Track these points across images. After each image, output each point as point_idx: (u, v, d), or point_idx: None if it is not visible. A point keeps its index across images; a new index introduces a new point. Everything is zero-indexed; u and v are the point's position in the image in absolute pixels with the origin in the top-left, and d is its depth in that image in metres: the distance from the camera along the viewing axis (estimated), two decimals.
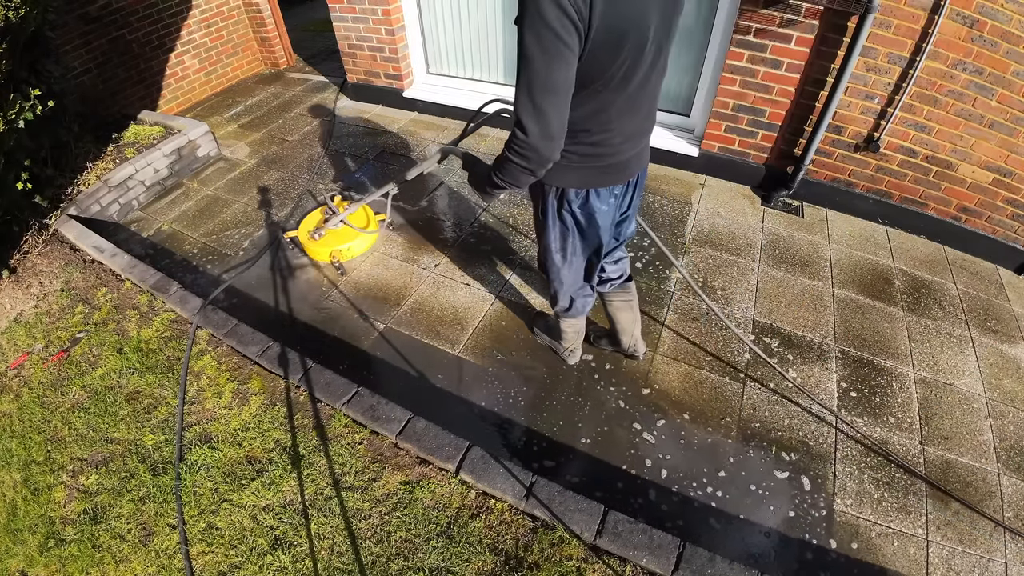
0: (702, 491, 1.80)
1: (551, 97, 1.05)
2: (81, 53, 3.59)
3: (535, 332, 2.30)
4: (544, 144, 1.10)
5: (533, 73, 1.03)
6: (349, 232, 2.73)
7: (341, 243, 2.70)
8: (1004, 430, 1.99)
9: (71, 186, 3.04)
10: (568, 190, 1.38)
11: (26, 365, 2.33)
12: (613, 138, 1.28)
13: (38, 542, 1.77)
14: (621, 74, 1.14)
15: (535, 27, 0.98)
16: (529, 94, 1.05)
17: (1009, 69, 2.25)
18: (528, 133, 1.08)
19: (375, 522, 1.70)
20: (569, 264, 1.62)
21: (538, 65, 1.01)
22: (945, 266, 2.72)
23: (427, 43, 3.89)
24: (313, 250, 2.72)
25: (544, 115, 1.06)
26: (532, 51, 1.01)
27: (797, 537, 1.69)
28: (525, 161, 1.15)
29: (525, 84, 1.05)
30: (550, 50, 0.99)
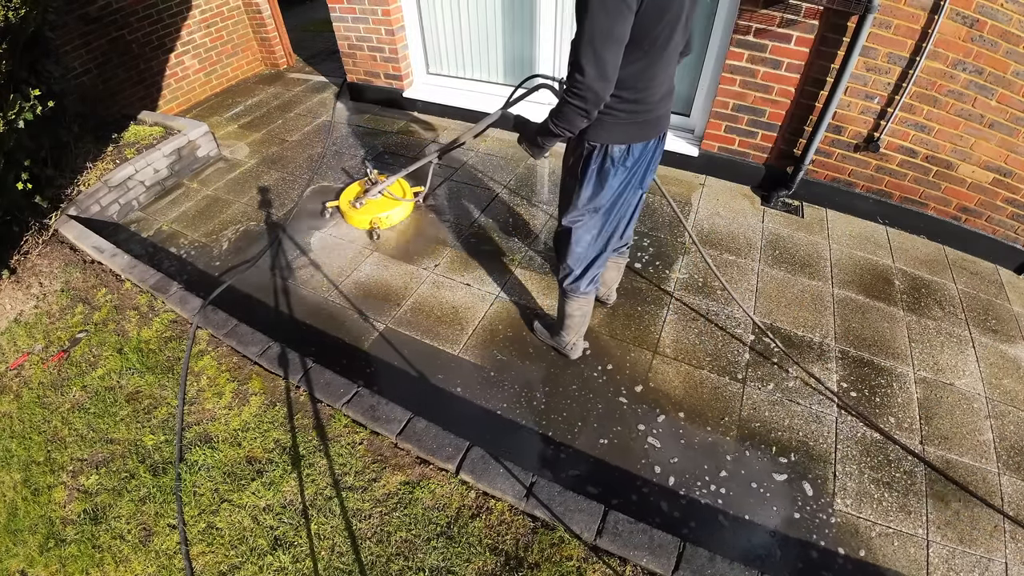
0: (702, 491, 1.80)
1: (611, 45, 1.23)
2: (81, 53, 3.59)
3: (535, 331, 2.32)
4: (600, 85, 1.27)
5: (595, 25, 1.20)
6: (388, 201, 2.95)
7: (380, 211, 2.90)
8: (1004, 430, 1.99)
9: (71, 186, 3.04)
10: (612, 147, 1.51)
11: (26, 365, 2.33)
12: (652, 95, 1.46)
13: (38, 542, 1.77)
14: (663, 37, 1.32)
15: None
16: (591, 42, 1.22)
17: (1009, 69, 2.25)
18: (586, 75, 1.25)
19: (375, 522, 1.70)
20: (596, 225, 1.72)
21: (600, 19, 1.19)
22: (945, 266, 2.72)
23: (427, 43, 3.90)
24: (353, 218, 2.93)
25: (602, 60, 1.24)
26: (595, 8, 1.18)
27: (797, 537, 1.69)
28: (582, 101, 1.30)
29: (587, 34, 1.21)
30: (611, 9, 1.18)
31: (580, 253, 1.79)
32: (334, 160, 3.58)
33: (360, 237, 2.90)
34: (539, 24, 3.31)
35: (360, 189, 3.06)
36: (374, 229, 2.86)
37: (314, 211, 3.10)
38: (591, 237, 1.75)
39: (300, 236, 2.93)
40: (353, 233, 2.93)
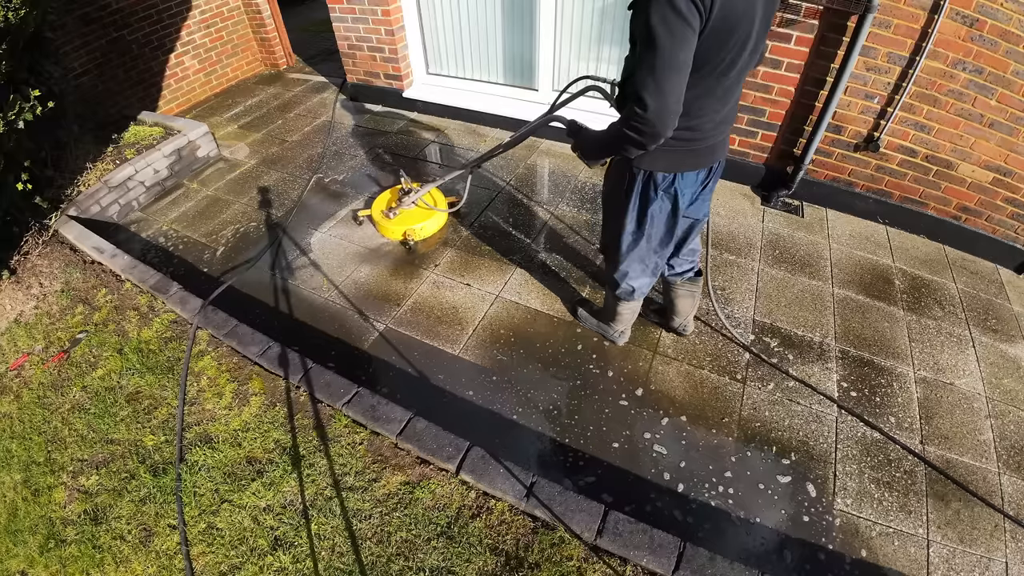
0: (702, 490, 1.80)
1: (673, 76, 1.11)
2: (81, 54, 3.59)
3: (579, 317, 2.33)
4: (661, 120, 1.15)
5: (657, 53, 1.08)
6: (422, 212, 2.86)
7: (415, 223, 2.81)
8: (1004, 429, 1.99)
9: (71, 187, 3.04)
10: (656, 173, 1.44)
11: (26, 366, 2.33)
12: (706, 123, 1.36)
13: (38, 543, 1.77)
14: (727, 62, 1.22)
15: (662, 10, 1.04)
16: (652, 72, 1.10)
17: (1009, 68, 2.25)
18: (648, 109, 1.13)
19: (375, 522, 1.70)
20: (642, 247, 1.67)
21: (663, 45, 1.07)
22: (945, 265, 2.72)
23: (427, 43, 3.89)
24: (387, 228, 2.84)
25: (664, 92, 1.12)
26: (658, 32, 1.06)
27: (797, 537, 1.69)
28: (640, 135, 1.20)
29: (648, 63, 1.10)
30: (676, 32, 1.06)
31: (629, 270, 1.77)
32: (334, 160, 3.58)
33: (363, 237, 2.90)
34: (539, 24, 3.31)
35: (392, 198, 2.95)
36: (408, 240, 2.77)
37: (315, 211, 3.10)
38: (638, 258, 1.72)
39: (300, 236, 2.93)
40: (355, 234, 2.93)
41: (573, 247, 2.78)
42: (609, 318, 2.15)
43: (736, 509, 1.75)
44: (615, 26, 3.15)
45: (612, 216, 1.66)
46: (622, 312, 2.04)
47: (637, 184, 1.50)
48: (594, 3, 3.13)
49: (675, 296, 2.06)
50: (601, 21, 3.18)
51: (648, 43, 1.08)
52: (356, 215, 3.00)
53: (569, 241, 2.82)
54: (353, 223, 3.00)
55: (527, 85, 3.69)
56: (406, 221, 2.81)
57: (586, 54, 3.36)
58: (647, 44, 1.08)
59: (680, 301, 2.07)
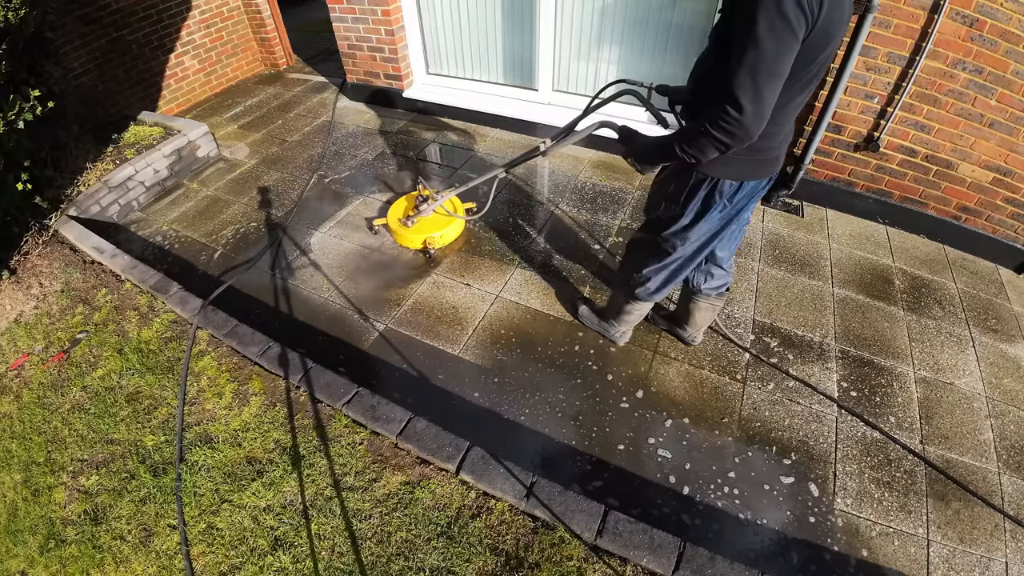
0: (703, 490, 1.80)
1: (773, 81, 1.11)
2: (81, 54, 3.59)
3: (580, 315, 2.32)
4: (754, 124, 1.15)
5: (760, 56, 1.07)
6: (442, 219, 2.75)
7: (434, 230, 2.71)
8: (1004, 429, 1.99)
9: (71, 187, 3.04)
10: (724, 181, 1.42)
11: (26, 366, 2.33)
12: (779, 133, 1.36)
13: (39, 543, 1.77)
14: (812, 73, 1.22)
15: (770, 14, 1.04)
16: (752, 75, 1.09)
17: (1009, 68, 2.25)
18: (743, 112, 1.12)
19: (375, 522, 1.70)
20: (685, 252, 1.64)
21: (767, 49, 1.06)
22: (945, 265, 2.72)
23: (427, 43, 3.89)
24: (405, 237, 2.75)
25: (762, 97, 1.11)
26: (763, 35, 1.05)
27: (797, 537, 1.69)
28: (729, 137, 1.18)
29: (749, 65, 1.09)
30: (781, 38, 1.05)
31: (663, 272, 1.74)
32: (334, 160, 3.57)
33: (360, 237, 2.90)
34: (539, 24, 3.31)
35: (408, 204, 2.85)
36: (428, 249, 2.70)
37: (315, 211, 3.10)
38: (678, 263, 1.70)
39: (300, 236, 2.93)
40: (355, 234, 2.93)
41: (573, 247, 2.78)
42: (613, 316, 2.13)
43: (737, 510, 1.75)
44: (615, 26, 3.15)
45: (662, 220, 1.62)
46: (630, 312, 2.02)
47: (701, 190, 1.46)
48: (594, 3, 3.13)
49: (695, 308, 2.02)
50: (601, 21, 3.18)
51: (752, 46, 1.07)
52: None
53: (569, 241, 2.82)
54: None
55: (527, 85, 3.69)
56: (425, 229, 2.71)
57: (586, 54, 3.36)
58: (751, 47, 1.07)
59: (699, 313, 2.03)
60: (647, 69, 3.23)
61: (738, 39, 1.09)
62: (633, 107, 3.41)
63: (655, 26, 3.05)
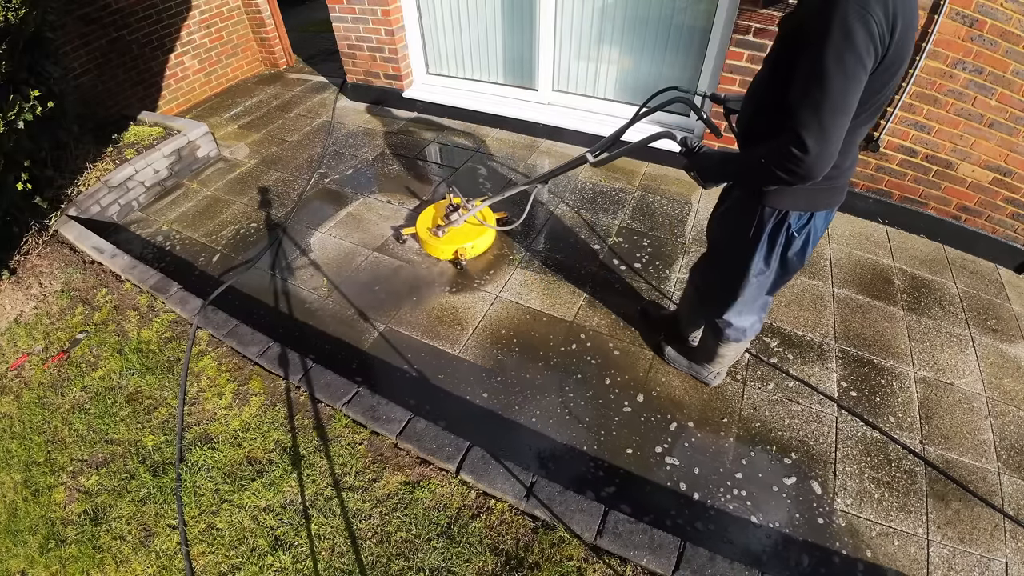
0: (701, 489, 1.80)
1: (840, 118, 1.04)
2: (81, 54, 3.59)
3: (667, 358, 2.16)
4: (820, 164, 1.08)
5: (827, 93, 1.01)
6: (474, 229, 2.68)
7: (466, 241, 2.64)
8: (1004, 429, 1.99)
9: (71, 187, 3.04)
10: (791, 212, 1.35)
11: (26, 366, 2.33)
12: (846, 160, 1.28)
13: (38, 543, 1.77)
14: (881, 101, 1.15)
15: (838, 48, 0.97)
16: (818, 113, 1.03)
17: (1009, 68, 2.25)
18: (808, 152, 1.06)
19: (375, 522, 1.70)
20: (760, 288, 1.58)
21: (835, 85, 1.00)
22: (945, 265, 2.72)
23: (427, 43, 3.89)
24: (435, 247, 2.68)
25: (828, 136, 1.04)
26: (831, 70, 0.99)
27: (797, 537, 1.69)
28: (792, 176, 1.12)
29: (814, 102, 1.02)
30: (850, 72, 0.99)
31: (742, 312, 1.69)
32: (334, 160, 3.57)
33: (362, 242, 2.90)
34: (539, 24, 3.31)
35: (437, 213, 2.77)
36: (460, 260, 2.62)
37: (315, 211, 3.10)
38: (753, 299, 1.64)
39: (300, 236, 2.93)
40: (355, 235, 2.93)
41: (573, 247, 2.78)
42: (707, 359, 1.99)
43: (738, 511, 1.75)
44: (615, 26, 3.15)
45: (729, 256, 1.56)
46: (725, 355, 1.90)
47: (768, 224, 1.39)
48: (594, 3, 3.13)
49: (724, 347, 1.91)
50: (601, 21, 3.18)
51: (818, 81, 1.00)
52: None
53: (569, 241, 2.82)
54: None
55: (527, 85, 3.69)
56: (456, 239, 2.63)
57: (586, 54, 3.36)
58: (816, 82, 1.01)
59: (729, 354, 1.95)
60: (647, 69, 3.24)
61: (802, 71, 1.02)
62: (635, 108, 3.41)
63: (655, 26, 3.05)
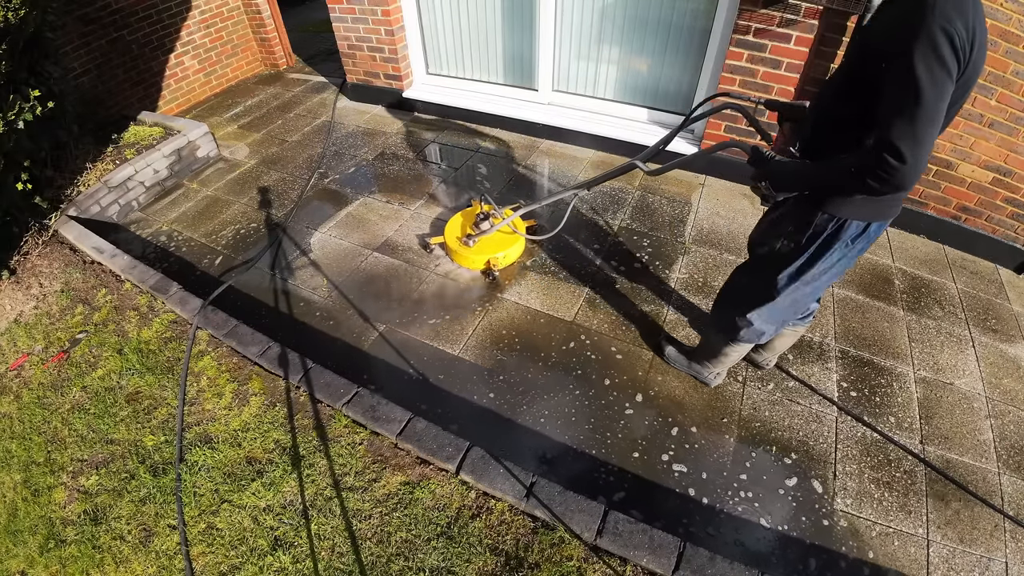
0: (701, 488, 1.80)
1: (932, 129, 1.07)
2: (81, 54, 3.59)
3: (667, 357, 2.17)
4: (913, 174, 1.10)
5: (921, 104, 1.04)
6: (505, 239, 2.58)
7: (498, 250, 2.54)
8: (1004, 429, 1.99)
9: (71, 187, 3.04)
10: (851, 222, 1.35)
11: (26, 366, 2.33)
12: None
13: (38, 543, 1.77)
14: (952, 115, 1.19)
15: (928, 60, 1.02)
16: (913, 124, 1.06)
17: (1009, 68, 2.25)
18: (905, 162, 1.08)
19: (375, 522, 1.70)
20: (797, 294, 1.58)
21: (928, 97, 1.03)
22: (945, 265, 2.72)
23: (427, 43, 3.89)
24: (465, 257, 2.58)
25: (922, 146, 1.08)
26: (924, 83, 1.02)
27: (797, 537, 1.69)
28: (885, 186, 1.14)
29: (910, 114, 1.06)
30: (939, 84, 1.03)
31: (771, 314, 1.67)
32: (334, 160, 3.57)
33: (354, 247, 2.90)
34: (539, 24, 3.31)
35: (465, 222, 2.69)
36: (492, 270, 2.54)
37: (315, 211, 3.10)
38: (790, 303, 1.62)
39: (300, 236, 2.93)
40: (355, 235, 2.93)
41: (573, 246, 2.78)
42: (708, 359, 1.99)
43: (733, 508, 1.75)
44: (615, 26, 3.15)
45: (775, 261, 1.55)
46: (729, 354, 1.89)
47: (826, 230, 1.39)
48: (594, 3, 3.13)
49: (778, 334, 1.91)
50: (601, 21, 3.18)
51: (911, 93, 1.04)
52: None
53: (568, 240, 2.82)
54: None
55: (527, 85, 3.69)
56: (487, 249, 2.55)
57: (586, 54, 3.36)
58: (910, 94, 1.04)
59: (780, 339, 1.97)
60: (647, 69, 3.24)
61: (895, 83, 1.06)
62: (636, 108, 3.41)
63: (655, 26, 3.05)
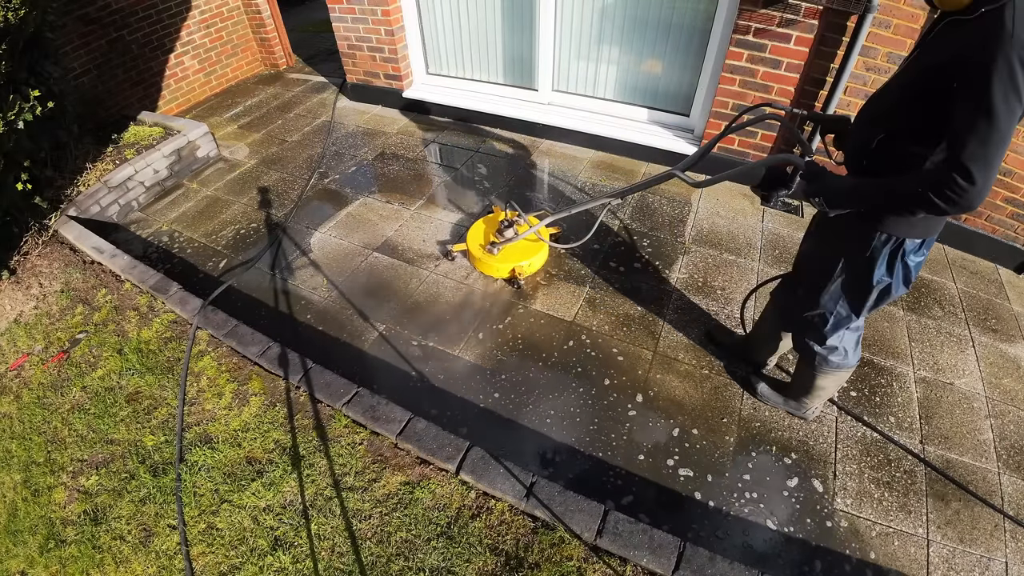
0: (701, 489, 1.80)
1: (1002, 150, 1.12)
2: (81, 54, 3.59)
3: (760, 395, 2.06)
4: (983, 195, 1.14)
5: (994, 127, 1.08)
6: (530, 247, 2.52)
7: (523, 258, 2.49)
8: (1004, 429, 1.99)
9: (71, 187, 3.04)
10: (908, 240, 1.38)
11: (26, 366, 2.33)
12: None
13: (38, 543, 1.77)
14: None
15: (1005, 87, 1.05)
16: (985, 145, 1.10)
17: None
18: (975, 183, 1.12)
19: (375, 522, 1.70)
20: (864, 314, 1.58)
21: (1002, 120, 1.07)
22: (945, 265, 2.72)
23: (427, 43, 3.89)
24: (489, 265, 2.53)
25: (992, 169, 1.13)
26: (999, 109, 1.06)
27: (797, 537, 1.69)
28: (952, 206, 1.17)
29: (983, 136, 1.09)
30: (1012, 108, 1.07)
31: (844, 337, 1.67)
32: (334, 160, 3.57)
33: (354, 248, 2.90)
34: (539, 24, 3.31)
35: (487, 228, 2.63)
36: (518, 279, 2.48)
37: (315, 211, 3.10)
38: (856, 326, 1.64)
39: (300, 236, 2.93)
40: (355, 235, 2.93)
41: (573, 247, 2.78)
42: (805, 395, 1.92)
43: (733, 507, 1.75)
44: (615, 26, 3.15)
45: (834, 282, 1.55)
46: (826, 386, 1.84)
47: (883, 251, 1.41)
48: (594, 3, 3.13)
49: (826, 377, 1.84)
50: (601, 21, 3.18)
51: (986, 116, 1.07)
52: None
53: (569, 240, 2.82)
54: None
55: (527, 85, 3.69)
56: (512, 257, 2.49)
57: (586, 54, 3.36)
58: (984, 116, 1.07)
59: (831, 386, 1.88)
60: (647, 69, 3.23)
61: (969, 109, 1.09)
62: (636, 108, 3.41)
63: (655, 26, 3.05)
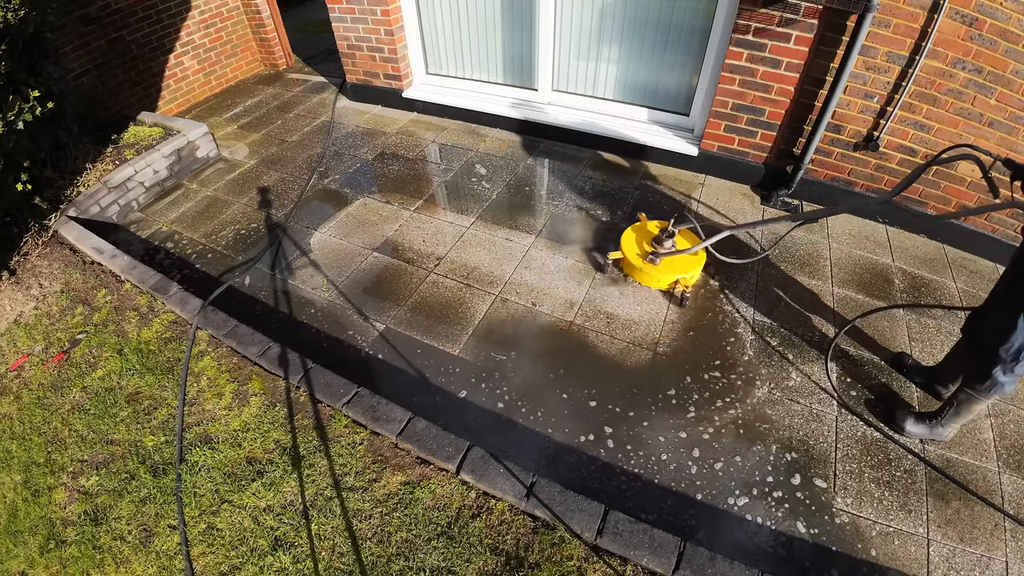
0: (698, 487, 1.80)
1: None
2: (80, 54, 3.59)
3: (906, 430, 1.95)
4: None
5: None
6: (690, 259, 2.45)
7: (686, 270, 2.41)
8: (1004, 429, 1.99)
9: (70, 187, 3.04)
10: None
11: (26, 367, 2.32)
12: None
13: (39, 543, 1.77)
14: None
15: None
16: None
17: (1008, 67, 2.25)
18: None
19: (376, 522, 1.70)
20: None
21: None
22: (945, 264, 2.72)
23: (426, 43, 3.89)
24: (649, 276, 2.47)
25: None
26: None
27: (797, 536, 1.69)
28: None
29: None
30: None
31: None
32: (334, 160, 3.57)
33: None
34: (539, 24, 3.31)
35: (640, 238, 2.54)
36: (683, 292, 2.40)
37: (315, 211, 3.10)
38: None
39: (300, 236, 2.93)
40: (355, 235, 2.93)
41: (573, 247, 2.78)
42: (950, 420, 1.88)
43: (733, 507, 1.75)
44: (615, 26, 3.15)
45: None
46: (972, 411, 1.81)
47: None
48: (594, 3, 3.13)
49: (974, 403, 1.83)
50: (601, 21, 3.18)
51: None
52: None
53: (569, 241, 2.82)
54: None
55: (527, 85, 3.69)
56: (675, 268, 2.41)
57: (586, 54, 3.36)
58: None
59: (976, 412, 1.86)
60: (647, 69, 3.23)
61: None
62: (636, 108, 3.41)
63: (655, 26, 3.05)
